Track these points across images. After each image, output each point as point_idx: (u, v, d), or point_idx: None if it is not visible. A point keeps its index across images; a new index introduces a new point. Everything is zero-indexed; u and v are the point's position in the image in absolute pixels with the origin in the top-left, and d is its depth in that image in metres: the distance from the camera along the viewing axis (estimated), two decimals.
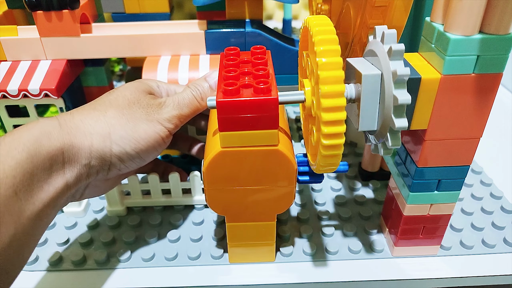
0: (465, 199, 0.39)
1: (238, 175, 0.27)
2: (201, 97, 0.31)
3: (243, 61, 0.28)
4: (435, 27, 0.24)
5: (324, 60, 0.22)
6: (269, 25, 0.44)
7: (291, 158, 0.27)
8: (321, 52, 0.23)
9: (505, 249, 0.33)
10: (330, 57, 0.22)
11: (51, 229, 0.36)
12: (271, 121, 0.25)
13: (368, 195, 0.40)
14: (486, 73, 0.24)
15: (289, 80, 0.39)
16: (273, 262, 0.33)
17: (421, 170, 0.28)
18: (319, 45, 0.23)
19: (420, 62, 0.26)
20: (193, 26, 0.39)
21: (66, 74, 0.37)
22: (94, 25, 0.39)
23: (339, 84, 0.22)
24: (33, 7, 0.35)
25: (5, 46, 0.37)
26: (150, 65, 0.37)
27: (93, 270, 0.33)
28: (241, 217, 0.30)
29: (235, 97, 0.24)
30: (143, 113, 0.28)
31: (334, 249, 0.33)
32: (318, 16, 0.26)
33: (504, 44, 0.23)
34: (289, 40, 0.40)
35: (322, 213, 0.37)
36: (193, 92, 0.30)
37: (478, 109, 0.25)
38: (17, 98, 0.35)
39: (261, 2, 0.39)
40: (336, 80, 0.22)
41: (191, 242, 0.35)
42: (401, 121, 0.23)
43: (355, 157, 0.45)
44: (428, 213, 0.30)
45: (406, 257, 0.33)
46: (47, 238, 0.35)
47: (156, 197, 0.37)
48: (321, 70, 0.22)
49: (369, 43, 0.26)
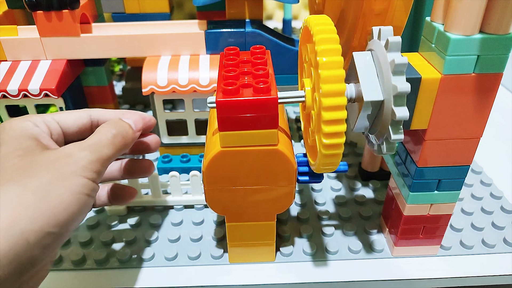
0: (465, 199, 0.39)
1: (237, 175, 0.27)
2: (122, 136, 0.25)
3: (242, 61, 0.28)
4: (435, 27, 0.24)
5: (325, 59, 0.22)
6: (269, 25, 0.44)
7: (291, 158, 0.27)
8: (322, 51, 0.23)
9: (505, 249, 0.33)
10: (331, 56, 0.22)
11: None
12: (271, 120, 0.25)
13: (368, 195, 0.40)
14: (486, 73, 0.24)
15: (289, 80, 0.39)
16: (273, 262, 0.33)
17: (421, 170, 0.28)
18: (320, 44, 0.23)
19: (420, 62, 0.26)
20: (193, 26, 0.39)
21: (66, 74, 0.37)
22: (94, 25, 0.39)
23: (340, 83, 0.22)
24: (33, 7, 0.35)
25: (5, 46, 0.37)
26: (150, 65, 0.37)
27: (92, 270, 0.33)
28: (241, 217, 0.30)
29: (234, 96, 0.24)
30: (50, 174, 0.21)
31: (334, 249, 0.33)
32: (318, 16, 0.26)
33: (504, 44, 0.23)
34: (289, 40, 0.40)
35: (322, 213, 0.37)
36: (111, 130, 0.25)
37: (478, 109, 0.25)
38: (17, 98, 0.35)
39: (261, 2, 0.39)
40: (337, 79, 0.22)
41: (191, 242, 0.35)
42: (402, 110, 0.23)
43: (355, 157, 0.45)
44: (428, 213, 0.30)
45: (406, 257, 0.33)
46: None
47: (156, 197, 0.37)
48: (322, 69, 0.22)
49: (368, 44, 0.26)
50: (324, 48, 0.23)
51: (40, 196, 0.20)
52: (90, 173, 0.22)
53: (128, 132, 0.25)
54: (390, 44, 0.23)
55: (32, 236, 0.19)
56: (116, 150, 0.24)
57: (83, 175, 0.22)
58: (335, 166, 0.26)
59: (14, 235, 0.19)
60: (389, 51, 0.23)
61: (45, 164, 0.21)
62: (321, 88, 0.22)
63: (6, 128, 0.23)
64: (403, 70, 0.23)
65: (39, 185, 0.20)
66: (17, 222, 0.19)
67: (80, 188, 0.21)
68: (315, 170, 0.27)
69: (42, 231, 0.20)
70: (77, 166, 0.22)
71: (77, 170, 0.22)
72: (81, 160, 0.22)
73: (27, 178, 0.20)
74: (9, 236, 0.19)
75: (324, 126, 0.23)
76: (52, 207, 0.20)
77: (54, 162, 0.21)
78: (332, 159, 0.24)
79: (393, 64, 0.23)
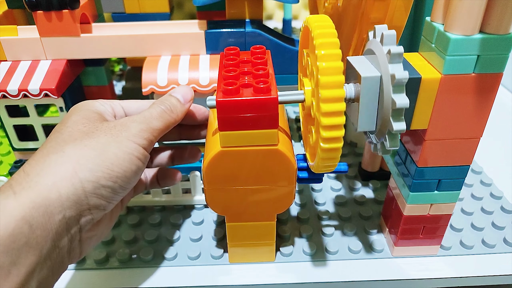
0: (465, 199, 0.39)
1: (238, 175, 0.27)
2: (171, 110, 0.28)
3: (243, 60, 0.28)
4: (435, 27, 0.24)
5: (325, 65, 0.22)
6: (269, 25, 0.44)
7: (291, 158, 0.27)
8: (322, 56, 0.23)
9: (505, 249, 0.33)
10: (330, 61, 0.22)
11: None
12: (271, 120, 0.25)
13: (368, 195, 0.40)
14: (486, 73, 0.24)
15: (289, 80, 0.39)
16: (273, 262, 0.33)
17: (421, 170, 0.28)
18: (320, 48, 0.23)
19: (420, 62, 0.26)
20: (193, 26, 0.39)
21: (66, 74, 0.37)
22: (94, 25, 0.39)
23: (339, 89, 0.22)
24: (33, 7, 0.35)
25: (5, 46, 0.36)
26: (150, 65, 0.37)
27: (92, 269, 0.32)
28: (241, 217, 0.30)
29: (235, 96, 0.24)
30: (107, 136, 0.25)
31: (334, 249, 0.33)
32: (319, 16, 0.25)
33: (504, 44, 0.23)
34: (289, 40, 0.40)
35: (322, 213, 0.37)
36: (161, 106, 0.28)
37: (478, 109, 0.25)
38: (17, 98, 0.35)
39: (261, 2, 0.39)
40: (336, 84, 0.22)
41: (191, 242, 0.35)
42: (399, 125, 0.23)
43: (355, 157, 0.45)
44: (428, 213, 0.30)
45: (406, 257, 0.33)
46: None
47: (156, 197, 0.37)
48: (321, 75, 0.22)
49: (368, 41, 0.26)
50: (325, 52, 0.23)
51: (98, 152, 0.24)
52: (141, 140, 0.26)
53: (176, 105, 0.28)
54: (392, 56, 0.23)
55: (90, 185, 0.23)
56: (164, 122, 0.27)
57: (134, 140, 0.25)
58: (333, 168, 0.26)
59: (74, 183, 0.23)
60: (391, 62, 0.23)
61: (103, 130, 0.25)
62: (320, 93, 0.22)
63: (79, 105, 0.28)
64: (403, 84, 0.23)
65: (97, 144, 0.24)
66: (78, 173, 0.23)
67: (132, 150, 0.25)
68: (314, 170, 0.27)
69: (98, 183, 0.23)
70: (130, 132, 0.25)
71: (129, 135, 0.25)
72: (133, 129, 0.26)
73: (88, 139, 0.24)
74: (71, 183, 0.22)
75: (322, 131, 0.23)
76: (108, 162, 0.24)
77: (111, 129, 0.25)
78: (330, 161, 0.25)
79: (394, 78, 0.22)
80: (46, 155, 0.24)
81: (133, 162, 0.25)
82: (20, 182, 0.22)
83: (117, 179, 0.24)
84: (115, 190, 0.24)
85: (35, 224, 0.21)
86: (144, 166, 0.26)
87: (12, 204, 0.21)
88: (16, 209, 0.21)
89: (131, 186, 0.26)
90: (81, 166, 0.23)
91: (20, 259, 0.20)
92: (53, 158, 0.23)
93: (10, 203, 0.21)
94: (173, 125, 0.28)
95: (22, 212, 0.21)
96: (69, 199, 0.22)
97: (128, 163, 0.25)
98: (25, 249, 0.21)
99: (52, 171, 0.23)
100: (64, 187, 0.22)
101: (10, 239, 0.20)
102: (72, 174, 0.23)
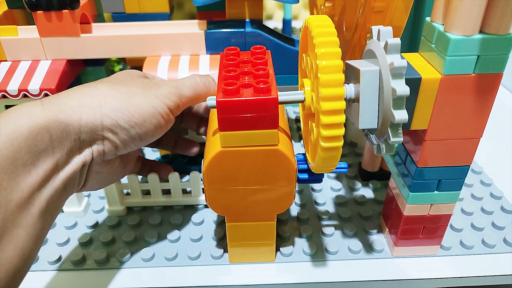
0: (465, 199, 0.39)
1: (238, 175, 0.27)
2: (205, 84, 0.30)
3: (243, 61, 0.28)
4: (435, 27, 0.24)
5: (325, 63, 0.22)
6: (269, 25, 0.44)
7: (291, 158, 0.27)
8: (322, 54, 0.23)
9: (505, 249, 0.33)
10: (330, 60, 0.22)
11: (51, 229, 0.36)
12: (271, 121, 0.25)
13: (368, 195, 0.40)
14: (486, 73, 0.24)
15: (289, 80, 0.39)
16: (273, 262, 0.33)
17: (421, 170, 0.28)
18: (319, 47, 0.23)
19: (420, 62, 0.26)
20: (193, 26, 0.39)
21: (66, 74, 0.37)
22: (94, 25, 0.39)
23: (339, 87, 0.22)
24: (33, 7, 0.35)
25: (5, 46, 0.36)
26: (150, 65, 0.37)
27: (92, 270, 0.33)
28: (241, 217, 0.30)
29: (235, 96, 0.24)
30: (138, 88, 0.27)
31: (334, 249, 0.33)
32: (319, 16, 0.26)
33: (504, 44, 0.23)
34: (289, 40, 0.40)
35: (322, 213, 0.37)
36: (196, 78, 0.30)
37: (478, 109, 0.25)
38: (17, 98, 0.35)
39: (261, 2, 0.39)
40: (336, 83, 0.22)
41: (191, 242, 0.35)
42: (401, 113, 0.23)
43: (355, 157, 0.45)
44: (428, 213, 0.30)
45: (406, 257, 0.33)
46: (47, 238, 0.35)
47: (156, 197, 0.37)
48: (321, 73, 0.22)
49: (367, 43, 0.26)
50: (324, 51, 0.23)
51: (125, 97, 0.26)
52: (167, 100, 0.28)
53: (211, 82, 0.31)
54: (389, 46, 0.23)
55: (108, 121, 0.26)
56: (194, 93, 0.29)
57: (161, 99, 0.27)
58: (333, 167, 0.26)
59: (96, 114, 0.25)
60: (389, 53, 0.23)
61: (137, 83, 0.28)
62: (320, 92, 0.22)
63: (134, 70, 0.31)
64: (402, 73, 0.23)
65: (127, 91, 0.27)
66: (102, 106, 0.26)
67: (156, 106, 0.27)
68: (314, 170, 0.27)
69: (116, 121, 0.26)
70: (159, 92, 0.28)
71: (158, 94, 0.27)
72: (163, 90, 0.28)
73: (121, 86, 0.27)
74: (93, 113, 0.25)
75: (322, 130, 0.23)
76: (130, 108, 0.26)
77: (144, 84, 0.28)
78: (330, 161, 0.24)
79: (393, 67, 0.22)
80: (82, 87, 0.27)
81: (154, 116, 0.27)
82: (50, 99, 0.25)
83: (135, 125, 0.26)
84: (130, 135, 0.27)
85: (54, 135, 0.24)
86: (166, 126, 0.28)
87: (39, 113, 0.23)
88: (41, 117, 0.23)
89: (147, 139, 0.28)
90: (106, 102, 0.26)
91: (39, 163, 0.23)
92: (86, 89, 0.26)
93: (37, 112, 0.23)
94: (202, 100, 0.30)
95: (46, 122, 0.23)
96: (87, 125, 0.25)
97: (149, 115, 0.27)
98: (44, 154, 0.23)
99: (80, 97, 0.26)
100: (86, 113, 0.25)
101: (33, 142, 0.22)
102: (96, 105, 0.25)
